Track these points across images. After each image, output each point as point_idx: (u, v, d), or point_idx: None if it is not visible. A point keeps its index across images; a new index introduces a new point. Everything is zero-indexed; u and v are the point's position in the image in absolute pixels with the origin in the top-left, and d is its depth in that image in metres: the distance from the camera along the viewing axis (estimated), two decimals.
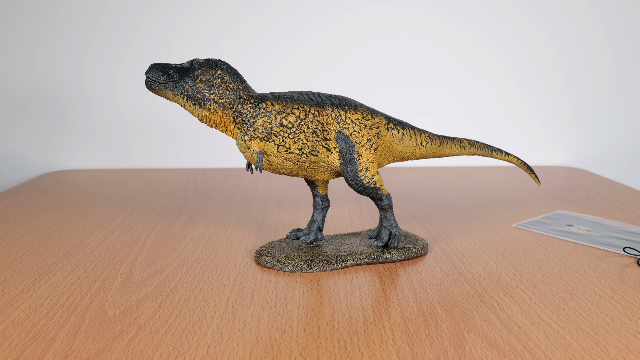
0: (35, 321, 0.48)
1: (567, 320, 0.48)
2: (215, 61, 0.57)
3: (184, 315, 0.49)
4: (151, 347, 0.44)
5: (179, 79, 0.56)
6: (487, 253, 0.65)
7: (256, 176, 1.11)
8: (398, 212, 0.83)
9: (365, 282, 0.56)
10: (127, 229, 0.75)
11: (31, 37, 1.15)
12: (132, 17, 1.15)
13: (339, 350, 0.43)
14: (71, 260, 0.63)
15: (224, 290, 0.55)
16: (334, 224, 0.77)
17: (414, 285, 0.56)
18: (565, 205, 0.86)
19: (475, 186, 1.00)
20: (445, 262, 0.62)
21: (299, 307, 0.51)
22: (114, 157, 1.20)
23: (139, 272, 0.60)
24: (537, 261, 0.62)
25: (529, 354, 0.43)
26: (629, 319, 0.48)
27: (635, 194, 0.94)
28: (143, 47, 1.16)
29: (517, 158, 0.69)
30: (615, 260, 0.63)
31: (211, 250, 0.67)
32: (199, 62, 0.57)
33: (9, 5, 1.13)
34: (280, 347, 0.44)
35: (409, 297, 0.53)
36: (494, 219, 0.79)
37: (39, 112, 1.17)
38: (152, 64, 0.56)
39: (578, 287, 0.55)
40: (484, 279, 0.57)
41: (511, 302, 0.52)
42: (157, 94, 0.58)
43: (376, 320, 0.48)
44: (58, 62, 1.16)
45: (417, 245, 0.64)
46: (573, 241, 0.69)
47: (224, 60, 0.59)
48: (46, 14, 1.14)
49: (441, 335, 0.46)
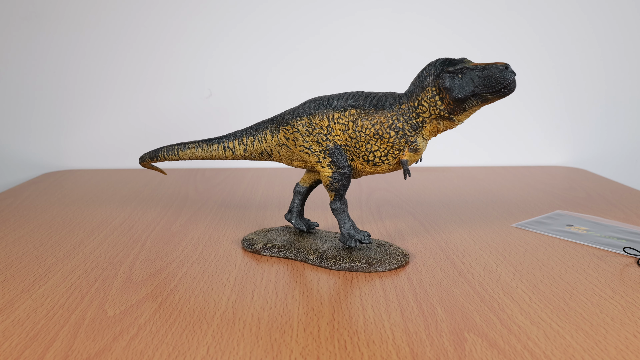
0: (35, 321, 0.48)
1: (567, 320, 0.48)
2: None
3: (184, 315, 0.49)
4: (151, 347, 0.44)
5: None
6: (487, 253, 0.65)
7: (256, 176, 1.11)
8: (398, 212, 0.83)
9: (365, 282, 0.56)
10: (127, 229, 0.75)
11: (31, 37, 1.15)
12: (132, 17, 1.15)
13: (339, 350, 0.43)
14: (71, 260, 0.63)
15: (224, 290, 0.55)
16: (334, 225, 0.77)
17: (414, 285, 0.56)
18: (565, 205, 0.86)
19: (475, 186, 1.00)
20: (445, 262, 0.62)
21: (299, 307, 0.51)
22: (114, 157, 1.20)
23: (139, 272, 0.60)
24: (537, 261, 0.62)
25: (529, 354, 0.43)
26: (629, 319, 0.48)
27: (635, 194, 0.94)
28: (143, 47, 1.16)
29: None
30: (615, 260, 0.63)
31: (211, 250, 0.67)
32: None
33: (9, 5, 1.13)
34: (280, 347, 0.44)
35: (409, 297, 0.53)
36: (494, 219, 0.79)
37: (39, 112, 1.17)
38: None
39: (578, 287, 0.55)
40: (484, 279, 0.57)
41: (511, 302, 0.52)
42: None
43: (376, 320, 0.48)
44: (58, 62, 1.16)
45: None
46: (573, 241, 0.69)
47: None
48: (46, 14, 1.14)
49: (441, 335, 0.46)
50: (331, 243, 0.64)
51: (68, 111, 1.18)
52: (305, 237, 0.67)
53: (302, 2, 1.15)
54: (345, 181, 0.61)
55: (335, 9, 1.16)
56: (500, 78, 0.53)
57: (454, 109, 0.56)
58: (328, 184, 0.61)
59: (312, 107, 0.61)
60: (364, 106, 0.59)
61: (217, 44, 1.16)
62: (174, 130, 1.19)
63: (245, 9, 1.15)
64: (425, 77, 0.57)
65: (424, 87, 0.57)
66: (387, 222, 0.78)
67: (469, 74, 0.55)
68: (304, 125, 0.61)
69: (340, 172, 0.60)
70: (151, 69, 1.17)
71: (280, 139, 0.63)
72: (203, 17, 1.15)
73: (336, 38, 1.17)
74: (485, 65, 0.54)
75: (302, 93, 1.19)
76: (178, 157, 0.70)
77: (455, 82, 0.55)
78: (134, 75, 1.17)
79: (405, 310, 0.50)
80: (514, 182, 1.03)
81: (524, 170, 1.15)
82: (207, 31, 1.16)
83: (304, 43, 1.17)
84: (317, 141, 0.60)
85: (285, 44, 1.17)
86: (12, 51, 1.15)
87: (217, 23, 1.16)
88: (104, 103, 1.18)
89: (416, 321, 0.48)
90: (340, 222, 0.62)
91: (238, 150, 0.67)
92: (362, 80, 1.18)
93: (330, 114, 0.60)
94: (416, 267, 0.61)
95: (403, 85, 1.16)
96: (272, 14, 1.16)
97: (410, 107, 0.57)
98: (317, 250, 0.62)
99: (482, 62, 0.60)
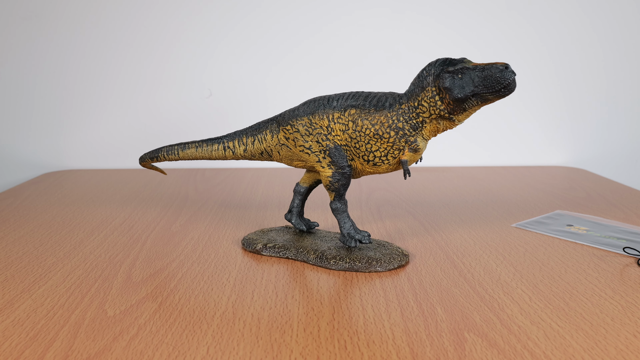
0: (35, 321, 0.48)
1: (567, 320, 0.48)
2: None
3: (184, 315, 0.49)
4: (151, 347, 0.44)
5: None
6: (487, 253, 0.65)
7: (256, 176, 1.11)
8: (398, 212, 0.83)
9: (365, 282, 0.56)
10: (127, 229, 0.75)
11: (31, 37, 1.15)
12: (132, 17, 1.15)
13: (339, 350, 0.43)
14: (71, 260, 0.63)
15: (224, 290, 0.55)
16: (334, 225, 0.77)
17: (414, 285, 0.56)
18: (565, 205, 0.86)
19: (475, 186, 1.00)
20: (445, 262, 0.62)
21: (299, 307, 0.51)
22: (114, 157, 1.20)
23: (139, 272, 0.60)
24: (537, 261, 0.62)
25: (529, 354, 0.43)
26: (629, 319, 0.48)
27: (635, 194, 0.94)
28: (143, 47, 1.16)
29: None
30: (615, 260, 0.63)
31: (211, 250, 0.67)
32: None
33: (9, 5, 1.13)
34: (280, 347, 0.44)
35: (409, 297, 0.53)
36: (494, 219, 0.79)
37: (39, 112, 1.17)
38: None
39: (578, 287, 0.55)
40: (484, 279, 0.57)
41: (511, 302, 0.52)
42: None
43: (376, 320, 0.48)
44: (58, 62, 1.16)
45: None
46: (573, 241, 0.69)
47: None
48: (46, 14, 1.14)
49: (441, 335, 0.46)
50: (331, 243, 0.64)
51: (68, 111, 1.18)
52: (305, 237, 0.67)
53: (302, 2, 1.15)
54: (345, 181, 0.61)
55: (335, 9, 1.16)
56: (500, 78, 0.53)
57: (454, 109, 0.56)
58: (328, 184, 0.61)
59: (312, 107, 0.61)
60: (364, 106, 0.59)
61: (217, 44, 1.16)
62: (174, 130, 1.19)
63: (245, 9, 1.15)
64: (425, 77, 0.57)
65: (424, 87, 0.57)
66: (387, 222, 0.78)
67: (469, 74, 0.55)
68: (304, 125, 0.61)
69: (340, 172, 0.60)
70: (151, 69, 1.17)
71: (280, 139, 0.63)
72: (203, 17, 1.15)
73: (336, 38, 1.17)
74: (485, 65, 0.54)
75: (302, 93, 1.19)
76: (178, 157, 0.70)
77: (455, 82, 0.55)
78: (133, 75, 1.17)
79: (405, 310, 0.50)
80: (514, 182, 1.03)
81: (524, 170, 1.15)
82: (207, 31, 1.16)
83: (304, 43, 1.17)
84: (317, 141, 0.60)
85: (285, 44, 1.17)
86: (12, 51, 1.15)
87: (217, 23, 1.16)
88: (104, 103, 1.18)
89: (416, 321, 0.48)
90: (340, 222, 0.62)
91: (238, 150, 0.67)
92: (362, 80, 1.18)
93: (330, 114, 0.60)
94: (416, 267, 0.61)
95: (403, 85, 1.16)
96: (272, 14, 1.16)
97: (410, 107, 0.57)
98: (317, 250, 0.62)
99: (482, 62, 0.60)
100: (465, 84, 0.55)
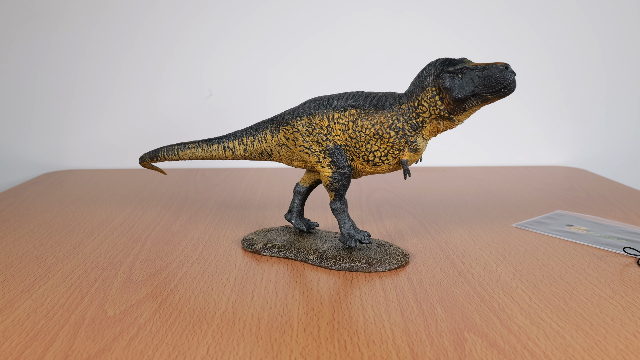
0: (35, 321, 0.48)
1: (567, 320, 0.48)
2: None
3: (184, 315, 0.49)
4: (151, 347, 0.44)
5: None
6: (487, 253, 0.65)
7: (256, 176, 1.11)
8: (398, 212, 0.83)
9: (365, 282, 0.56)
10: (127, 229, 0.75)
11: (31, 37, 1.15)
12: (132, 17, 1.15)
13: (339, 350, 0.43)
14: (71, 260, 0.63)
15: (224, 290, 0.55)
16: (334, 225, 0.77)
17: (414, 285, 0.56)
18: (565, 205, 0.86)
19: (475, 186, 1.00)
20: (445, 262, 0.62)
21: (299, 307, 0.51)
22: (114, 157, 1.20)
23: (139, 272, 0.60)
24: (537, 261, 0.62)
25: (529, 354, 0.43)
26: (629, 319, 0.48)
27: (635, 194, 0.94)
28: (143, 47, 1.16)
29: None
30: (615, 260, 0.63)
31: (211, 250, 0.67)
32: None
33: (9, 5, 1.13)
34: (280, 347, 0.44)
35: (409, 297, 0.53)
36: (494, 219, 0.79)
37: (39, 112, 1.17)
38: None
39: (578, 287, 0.55)
40: (484, 279, 0.57)
41: (511, 302, 0.52)
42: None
43: (376, 320, 0.48)
44: (58, 62, 1.16)
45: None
46: (573, 241, 0.69)
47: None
48: (46, 14, 1.14)
49: (441, 335, 0.46)
50: (331, 243, 0.64)
51: (68, 111, 1.18)
52: (305, 237, 0.67)
53: (302, 2, 1.15)
54: (345, 181, 0.61)
55: (335, 9, 1.16)
56: (500, 78, 0.53)
57: (454, 109, 0.56)
58: (328, 184, 0.61)
59: (312, 107, 0.61)
60: (364, 106, 0.59)
61: (217, 44, 1.16)
62: (174, 130, 1.19)
63: (245, 9, 1.15)
64: (425, 77, 0.57)
65: (424, 87, 0.57)
66: (387, 222, 0.78)
67: (469, 74, 0.55)
68: (304, 125, 0.61)
69: (340, 172, 0.60)
70: (151, 69, 1.17)
71: (280, 139, 0.63)
72: (203, 17, 1.15)
73: (336, 38, 1.17)
74: (485, 65, 0.54)
75: (302, 93, 1.19)
76: (178, 157, 0.70)
77: (455, 82, 0.55)
78: (133, 75, 1.17)
79: (405, 310, 0.50)
80: (514, 182, 1.03)
81: (524, 170, 1.15)
82: (207, 31, 1.16)
83: (304, 43, 1.17)
84: (317, 141, 0.60)
85: (285, 44, 1.17)
86: (12, 51, 1.15)
87: (216, 23, 1.16)
88: (104, 103, 1.18)
89: (416, 321, 0.48)
90: (340, 222, 0.62)
91: (238, 150, 0.67)
92: (362, 80, 1.18)
93: (330, 114, 0.60)
94: (416, 267, 0.61)
95: (403, 85, 1.16)
96: (272, 14, 1.16)
97: (410, 107, 0.57)
98: (317, 250, 0.62)
99: (482, 62, 0.60)
100: (465, 84, 0.55)
